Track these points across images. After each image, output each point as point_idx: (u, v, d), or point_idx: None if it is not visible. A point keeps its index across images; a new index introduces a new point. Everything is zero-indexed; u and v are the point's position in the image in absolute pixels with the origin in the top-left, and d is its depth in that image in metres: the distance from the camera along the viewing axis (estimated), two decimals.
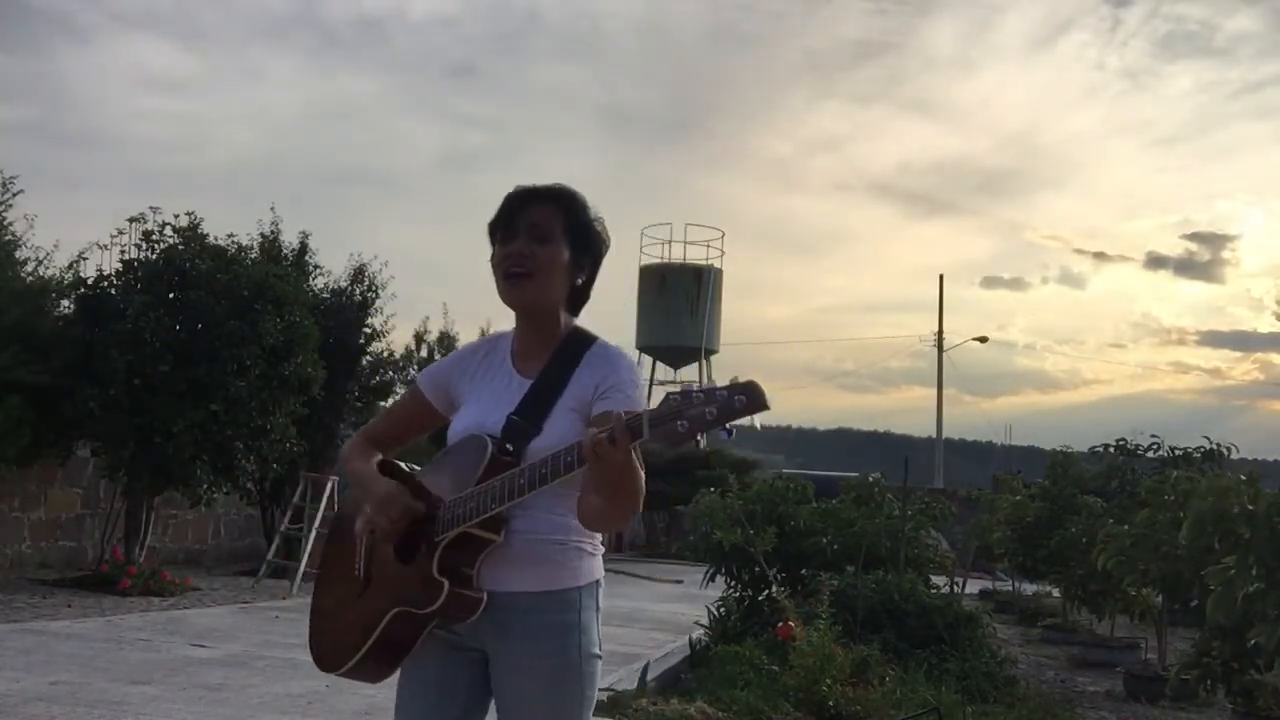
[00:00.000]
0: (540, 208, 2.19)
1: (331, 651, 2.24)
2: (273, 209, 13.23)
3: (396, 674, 2.24)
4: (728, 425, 1.78)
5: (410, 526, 2.13)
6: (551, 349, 2.21)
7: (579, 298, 2.29)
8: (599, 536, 2.21)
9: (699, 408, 1.78)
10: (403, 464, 2.34)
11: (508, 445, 2.11)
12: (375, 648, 2.14)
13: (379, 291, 14.14)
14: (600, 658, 2.18)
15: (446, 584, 2.04)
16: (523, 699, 2.12)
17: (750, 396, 1.78)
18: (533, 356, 2.23)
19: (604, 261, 2.31)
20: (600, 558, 2.23)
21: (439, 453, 2.24)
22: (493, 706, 2.24)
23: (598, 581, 2.20)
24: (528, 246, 2.17)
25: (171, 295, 10.64)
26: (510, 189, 2.25)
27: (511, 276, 2.17)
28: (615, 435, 1.83)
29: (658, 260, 35.91)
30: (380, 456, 2.34)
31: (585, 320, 2.31)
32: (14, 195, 10.29)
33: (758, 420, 1.78)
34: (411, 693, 2.22)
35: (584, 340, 2.23)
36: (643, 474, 1.95)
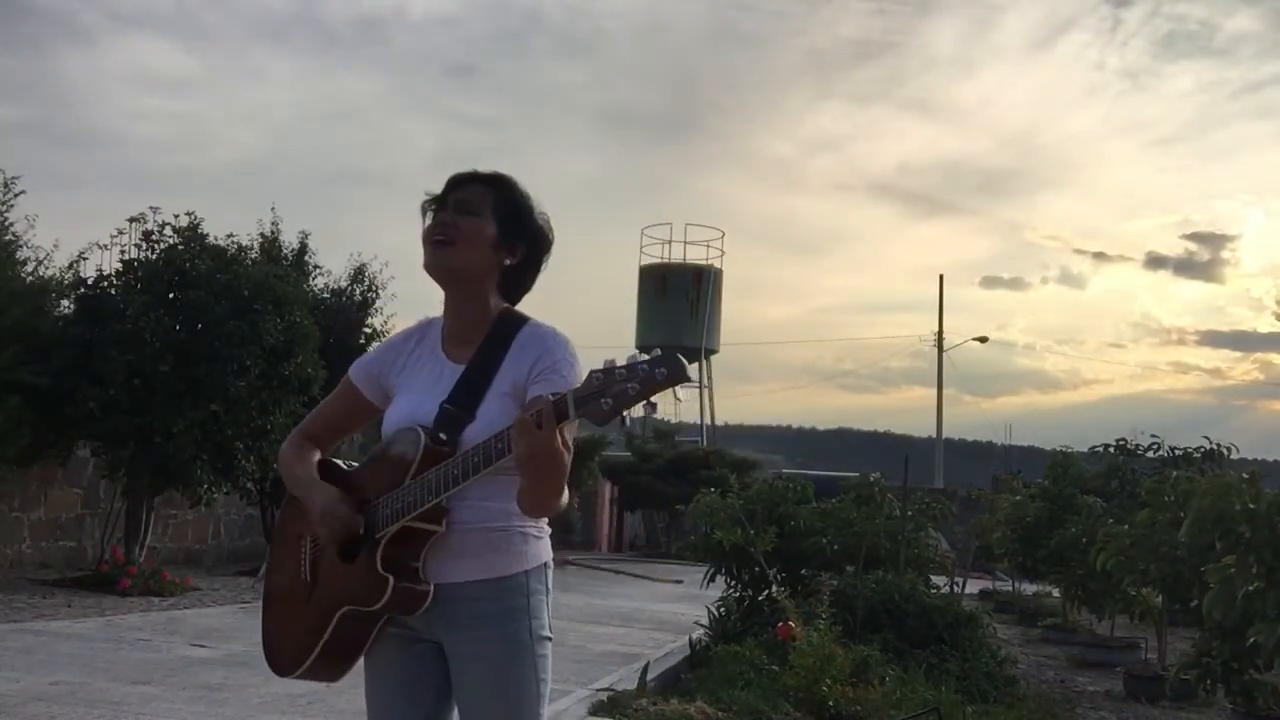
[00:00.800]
0: (471, 186, 2.22)
1: (284, 655, 2.23)
2: (273, 209, 13.25)
3: (359, 672, 2.24)
4: (651, 399, 1.77)
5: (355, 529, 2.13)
6: (482, 333, 2.19)
7: (513, 283, 2.27)
8: (543, 520, 2.18)
9: (621, 384, 1.76)
10: (341, 463, 2.32)
11: (441, 435, 2.09)
12: (327, 648, 2.13)
13: (379, 291, 14.15)
14: (550, 639, 2.17)
15: (391, 580, 2.04)
16: (477, 685, 2.12)
17: (670, 368, 1.77)
18: (463, 341, 2.21)
19: (547, 258, 2.30)
20: (546, 540, 2.21)
21: (374, 447, 2.23)
22: None
23: (545, 564, 2.19)
24: (451, 217, 2.19)
25: (171, 295, 10.64)
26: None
27: (433, 243, 2.19)
28: (542, 419, 1.82)
29: (658, 260, 35.93)
30: (318, 455, 2.32)
31: (584, 317, 2.32)
32: (15, 196, 10.30)
33: (680, 392, 1.79)
34: (379, 694, 2.22)
35: (515, 321, 2.21)
36: (569, 457, 1.91)
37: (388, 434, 2.20)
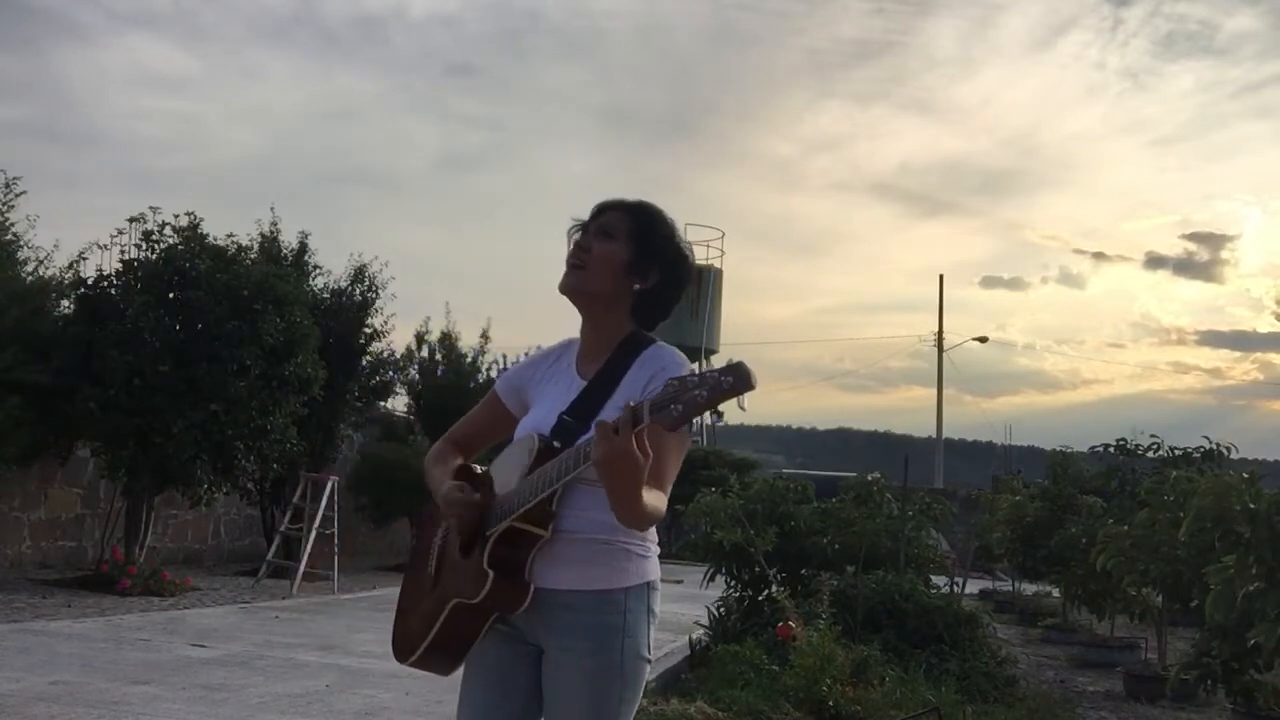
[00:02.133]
0: (613, 212, 2.30)
1: (403, 641, 2.33)
2: (272, 209, 13.24)
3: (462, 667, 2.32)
4: (718, 407, 1.81)
5: (475, 525, 2.20)
6: (610, 352, 2.27)
7: (647, 308, 2.32)
8: (652, 538, 2.23)
9: (691, 391, 1.82)
10: (476, 467, 2.40)
11: (555, 443, 2.15)
12: (438, 638, 2.22)
13: (379, 291, 14.16)
14: (649, 661, 2.21)
15: (492, 574, 2.10)
16: (564, 695, 2.17)
17: (736, 376, 1.81)
18: (593, 359, 2.29)
19: (686, 288, 2.35)
20: (654, 560, 2.25)
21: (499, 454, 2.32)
22: None
23: (649, 584, 2.22)
24: (587, 241, 2.27)
25: (171, 295, 10.63)
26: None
27: (567, 266, 2.27)
28: (619, 424, 1.87)
29: None
30: (459, 461, 2.41)
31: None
32: (16, 196, 10.30)
33: (746, 400, 1.83)
34: (476, 683, 2.28)
35: (642, 342, 2.28)
36: (647, 465, 1.93)
37: (514, 442, 2.29)
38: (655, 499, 2.03)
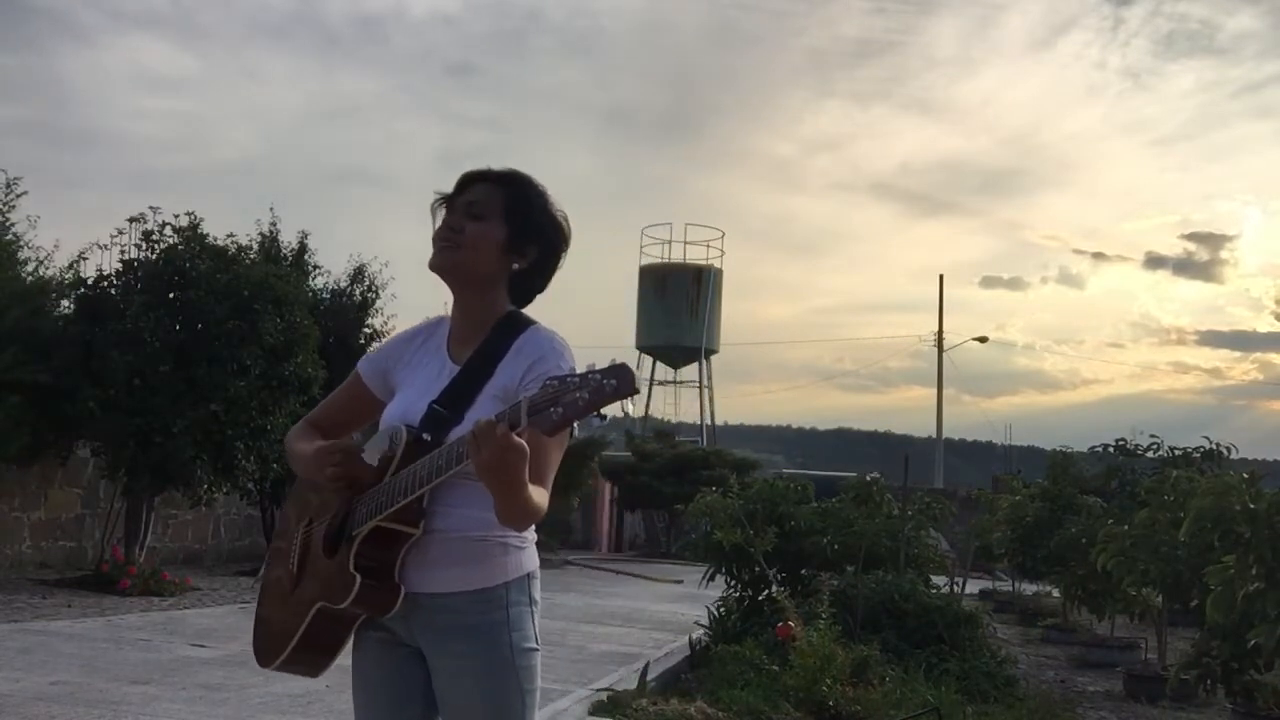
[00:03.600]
0: (481, 186, 2.16)
1: (266, 645, 2.20)
2: (272, 209, 13.27)
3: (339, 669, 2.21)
4: (600, 410, 1.72)
5: (341, 522, 2.08)
6: (484, 334, 2.15)
7: (524, 285, 2.21)
8: (527, 529, 2.11)
9: (572, 394, 1.72)
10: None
11: (424, 435, 2.04)
12: (303, 641, 2.09)
13: (379, 291, 14.16)
14: (537, 650, 2.12)
15: (358, 578, 1.99)
16: (459, 699, 2.08)
17: (620, 380, 1.71)
18: (467, 342, 2.17)
19: (563, 256, 2.23)
20: (531, 550, 2.15)
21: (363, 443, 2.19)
22: None
23: (529, 575, 2.13)
24: (458, 221, 2.14)
25: (171, 295, 10.64)
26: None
27: (439, 246, 2.14)
28: (495, 427, 1.78)
29: (658, 260, 35.94)
30: (315, 442, 2.27)
31: (584, 317, 2.26)
32: (17, 196, 10.31)
33: (629, 405, 1.71)
34: (364, 697, 2.19)
35: (517, 324, 2.15)
36: (525, 465, 1.84)
37: (379, 431, 2.16)
38: (538, 496, 1.94)
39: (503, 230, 2.14)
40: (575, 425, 1.73)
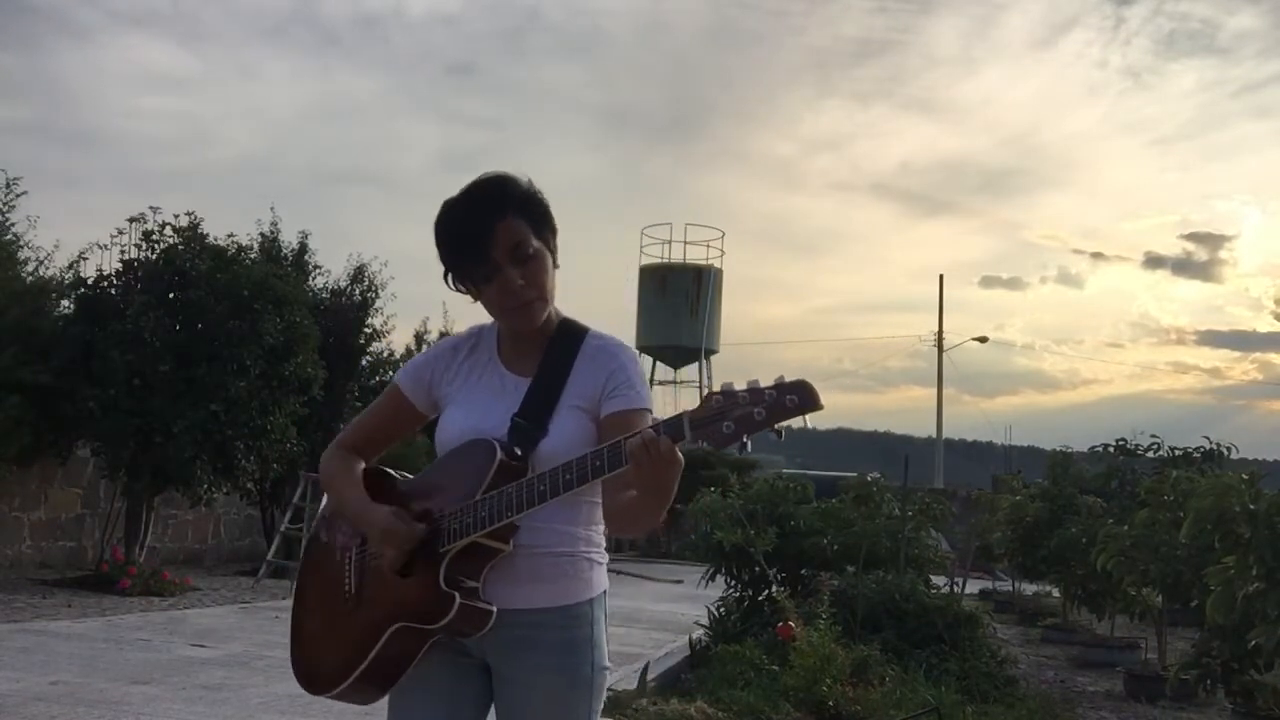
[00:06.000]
0: (504, 225, 2.02)
1: (323, 671, 2.11)
2: (272, 209, 13.30)
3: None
4: (777, 426, 1.70)
5: (424, 541, 2.03)
6: (542, 345, 2.11)
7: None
8: (603, 544, 2.13)
9: (745, 408, 1.70)
10: (394, 472, 2.22)
11: (515, 449, 2.00)
12: (373, 665, 2.02)
13: (379, 291, 14.15)
14: (610, 669, 2.12)
15: (457, 597, 1.94)
16: (531, 715, 2.05)
17: (802, 396, 1.69)
18: (523, 353, 2.12)
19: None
20: (605, 566, 2.15)
21: (436, 459, 2.13)
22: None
23: (604, 592, 2.13)
24: (521, 275, 2.03)
25: (171, 295, 10.64)
26: (447, 206, 2.07)
27: (523, 309, 2.06)
28: (659, 439, 1.77)
29: (658, 260, 35.92)
30: (363, 465, 2.21)
31: (584, 317, 2.10)
32: (17, 196, 10.31)
33: (810, 420, 1.70)
34: (416, 703, 2.10)
35: (576, 332, 2.13)
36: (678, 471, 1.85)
37: (452, 444, 2.08)
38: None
39: (547, 254, 2.08)
40: (747, 440, 1.71)
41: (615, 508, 2.00)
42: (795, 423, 1.71)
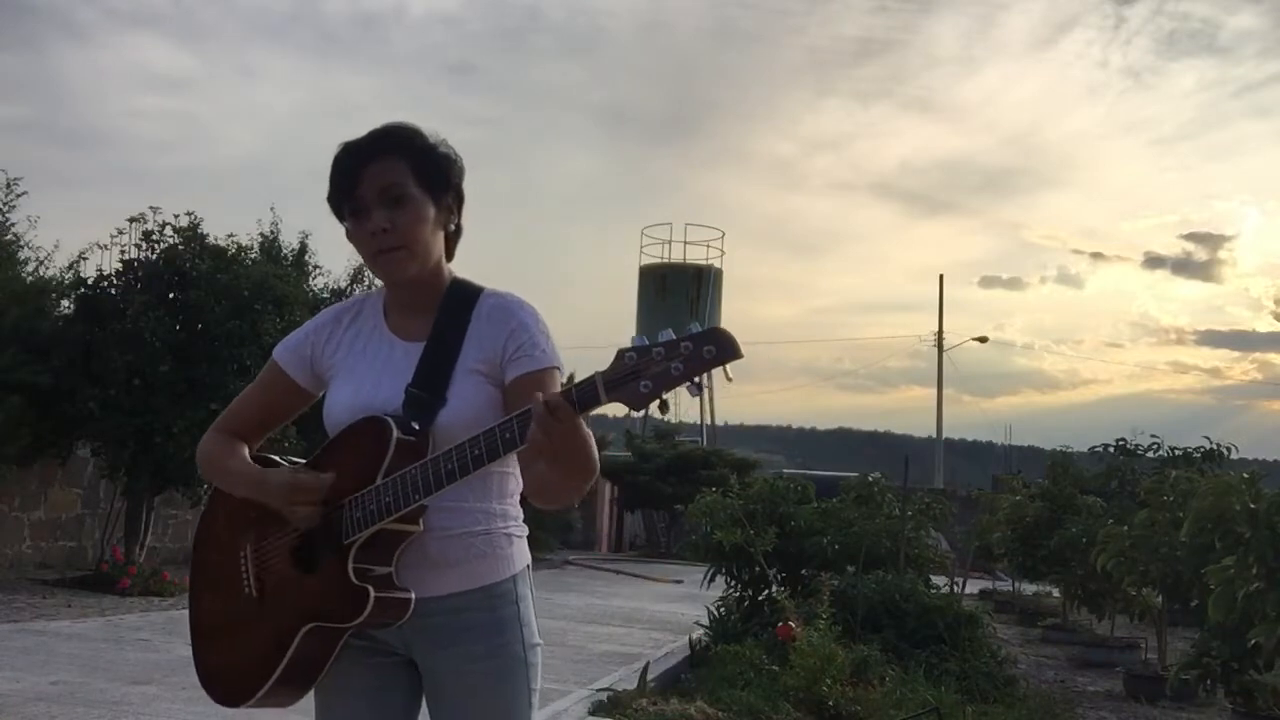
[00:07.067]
0: (380, 166, 1.90)
1: (234, 683, 1.95)
2: (272, 209, 13.27)
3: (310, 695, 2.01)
4: (696, 379, 1.58)
5: (322, 533, 1.88)
6: (432, 306, 1.96)
7: (453, 242, 2.03)
8: (520, 516, 2.00)
9: (661, 364, 1.57)
10: (280, 459, 2.03)
11: (413, 424, 1.85)
12: (289, 669, 1.87)
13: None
14: (541, 645, 2.00)
15: (371, 591, 1.80)
16: (466, 703, 1.93)
17: (720, 345, 1.56)
18: (411, 318, 1.97)
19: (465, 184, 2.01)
20: (526, 540, 2.02)
21: (326, 442, 1.96)
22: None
23: (528, 566, 2.01)
24: (389, 218, 1.89)
25: (171, 295, 10.64)
26: (340, 145, 1.95)
27: (384, 255, 1.91)
28: (556, 406, 1.63)
29: (658, 260, 35.94)
30: (246, 450, 2.04)
31: (584, 317, 2.14)
32: (17, 196, 10.31)
33: (729, 370, 1.59)
34: (341, 710, 1.98)
35: (469, 291, 1.98)
36: (592, 438, 1.75)
37: (342, 423, 1.93)
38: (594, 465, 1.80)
39: (428, 205, 1.92)
40: (667, 397, 1.59)
41: (534, 481, 1.87)
42: (728, 370, 1.60)
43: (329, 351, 2.03)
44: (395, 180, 1.90)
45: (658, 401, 1.60)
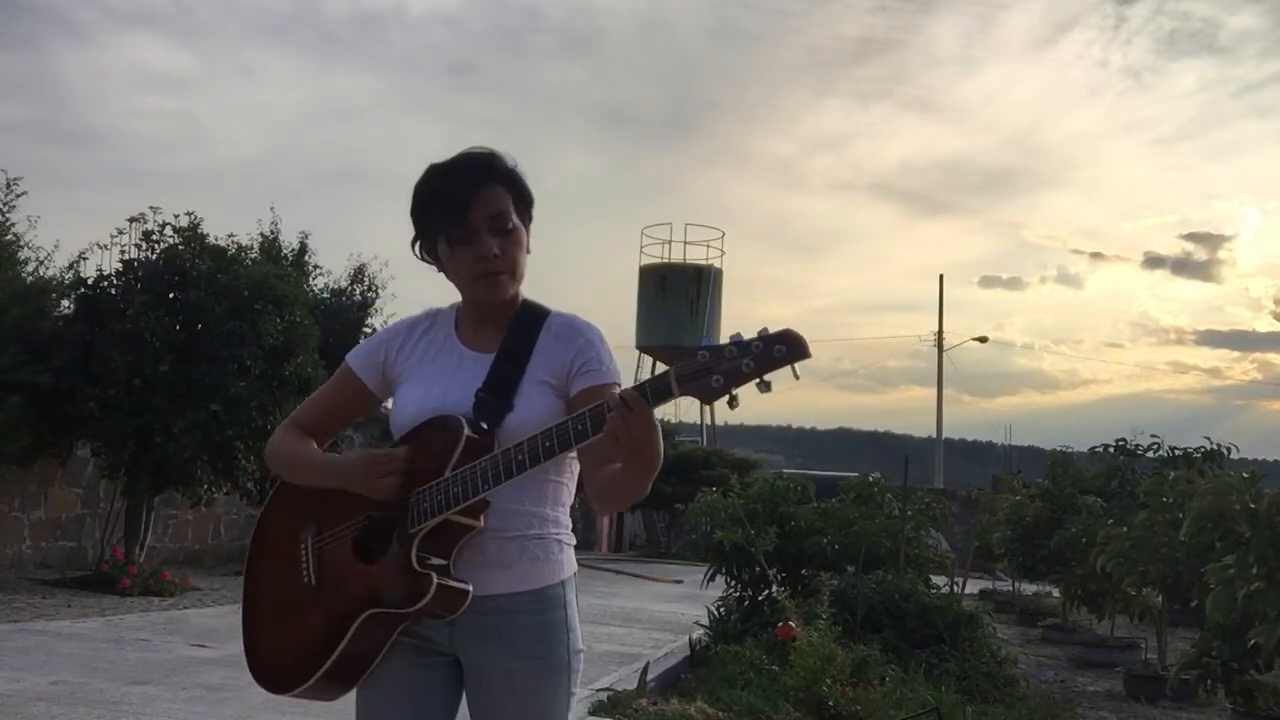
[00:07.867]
0: (489, 194, 2.00)
1: (285, 669, 2.00)
2: (272, 209, 13.29)
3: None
4: (766, 378, 1.65)
5: (366, 524, 1.97)
6: (504, 324, 2.06)
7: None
8: (570, 525, 2.10)
9: (733, 361, 1.65)
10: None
11: (481, 424, 1.94)
12: (343, 657, 1.93)
13: (379, 291, 14.17)
14: (583, 651, 2.09)
15: (434, 576, 1.87)
16: (509, 702, 1.99)
17: (790, 345, 1.64)
18: (483, 332, 2.07)
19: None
20: (573, 548, 2.11)
21: (395, 441, 2.04)
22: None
23: (574, 574, 2.09)
24: (499, 245, 2.00)
25: (171, 295, 10.64)
26: (432, 170, 2.04)
27: (490, 279, 2.01)
28: (632, 399, 1.72)
29: (658, 260, 35.92)
30: (315, 447, 2.14)
31: (584, 317, 2.12)
32: (17, 196, 10.31)
33: (797, 369, 1.65)
34: (383, 703, 2.02)
35: (538, 311, 2.09)
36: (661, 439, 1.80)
37: (410, 423, 2.01)
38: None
39: (524, 232, 2.05)
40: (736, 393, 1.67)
41: (601, 482, 1.94)
42: (797, 369, 1.66)
43: (401, 358, 2.12)
44: (503, 210, 2.01)
45: (727, 397, 1.67)
